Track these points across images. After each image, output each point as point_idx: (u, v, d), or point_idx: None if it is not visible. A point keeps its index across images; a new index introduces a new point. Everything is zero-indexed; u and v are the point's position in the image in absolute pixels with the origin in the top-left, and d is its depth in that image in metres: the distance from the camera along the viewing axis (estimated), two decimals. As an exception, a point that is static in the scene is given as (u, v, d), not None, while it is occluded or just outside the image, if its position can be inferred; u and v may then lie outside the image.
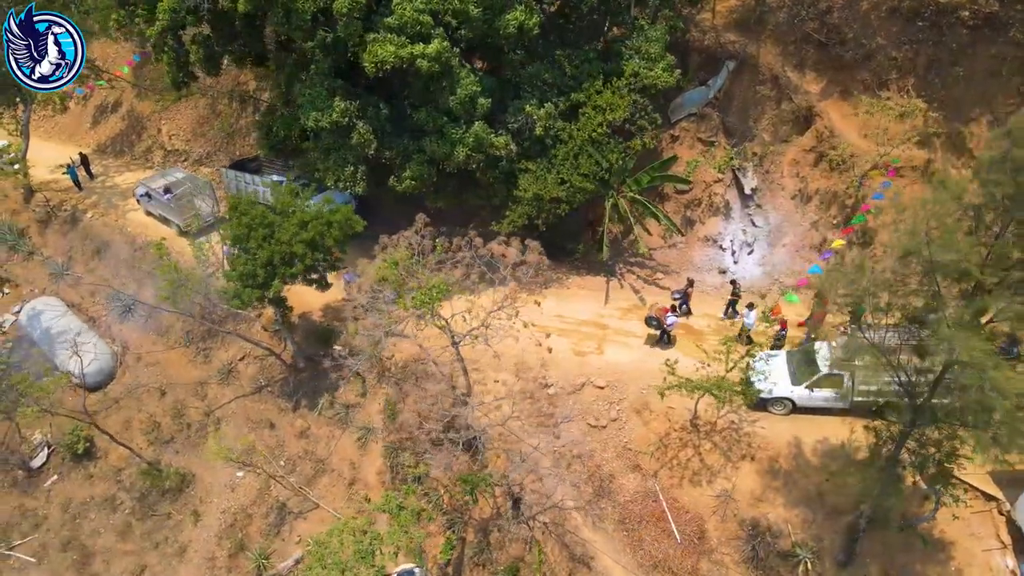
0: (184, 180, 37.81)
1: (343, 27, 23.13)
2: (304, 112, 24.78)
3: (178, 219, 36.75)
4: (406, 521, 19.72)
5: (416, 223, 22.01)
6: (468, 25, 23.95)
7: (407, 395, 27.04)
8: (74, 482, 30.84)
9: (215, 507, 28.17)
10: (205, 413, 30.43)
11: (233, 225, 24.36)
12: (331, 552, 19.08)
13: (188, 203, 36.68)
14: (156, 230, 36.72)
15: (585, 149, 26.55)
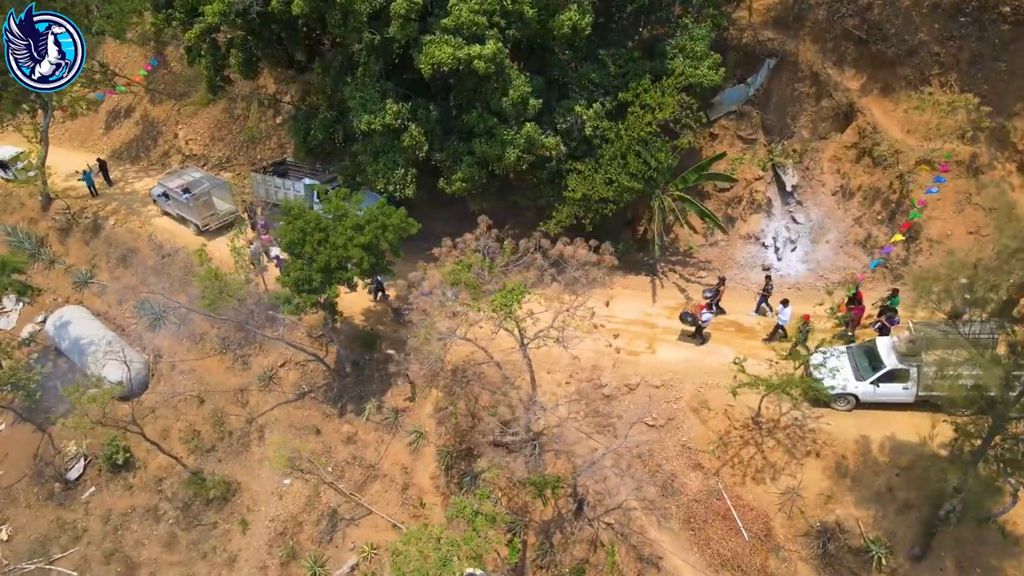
0: (202, 180, 37.73)
1: (398, 28, 22.95)
2: (356, 115, 24.56)
3: (196, 218, 36.63)
4: (482, 526, 19.55)
5: (479, 225, 21.84)
6: (521, 25, 23.83)
7: (459, 398, 26.91)
8: (113, 493, 30.41)
9: (263, 515, 27.86)
10: (247, 421, 30.08)
11: (287, 230, 24.08)
12: (410, 560, 18.87)
13: (206, 202, 36.56)
14: (185, 237, 36.31)
15: (633, 148, 26.52)
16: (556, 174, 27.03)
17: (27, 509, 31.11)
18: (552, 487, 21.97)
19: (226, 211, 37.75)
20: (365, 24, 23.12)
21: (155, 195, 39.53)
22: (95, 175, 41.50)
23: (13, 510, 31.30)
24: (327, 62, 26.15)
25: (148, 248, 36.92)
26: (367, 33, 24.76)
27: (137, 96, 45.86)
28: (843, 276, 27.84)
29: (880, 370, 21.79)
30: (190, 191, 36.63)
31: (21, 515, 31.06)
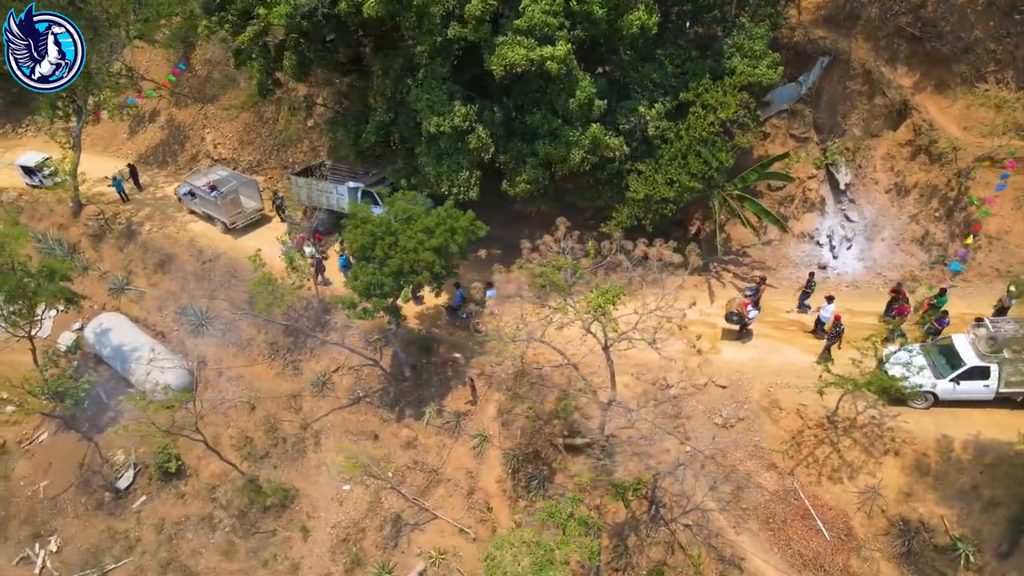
0: (229, 178, 37.74)
1: (471, 30, 22.80)
2: (424, 117, 24.36)
3: (224, 216, 36.58)
4: (575, 531, 19.42)
5: (558, 228, 21.72)
6: (589, 26, 23.72)
7: (524, 401, 26.76)
8: (165, 502, 30.08)
9: (324, 522, 27.63)
10: (301, 426, 29.85)
11: (357, 235, 23.84)
12: (504, 565, 18.72)
13: (233, 200, 36.50)
14: (226, 242, 36.00)
15: (693, 148, 26.45)
16: (616, 175, 26.93)
17: (76, 519, 30.72)
18: (634, 489, 21.86)
19: (253, 209, 37.76)
20: (438, 26, 22.93)
21: (181, 193, 39.42)
22: (125, 180, 41.09)
23: (61, 520, 30.89)
24: (387, 64, 25.92)
25: (187, 254, 36.56)
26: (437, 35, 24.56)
27: (160, 100, 45.41)
28: (901, 274, 27.87)
29: (960, 368, 21.81)
30: (218, 189, 36.50)
31: (70, 525, 30.66)
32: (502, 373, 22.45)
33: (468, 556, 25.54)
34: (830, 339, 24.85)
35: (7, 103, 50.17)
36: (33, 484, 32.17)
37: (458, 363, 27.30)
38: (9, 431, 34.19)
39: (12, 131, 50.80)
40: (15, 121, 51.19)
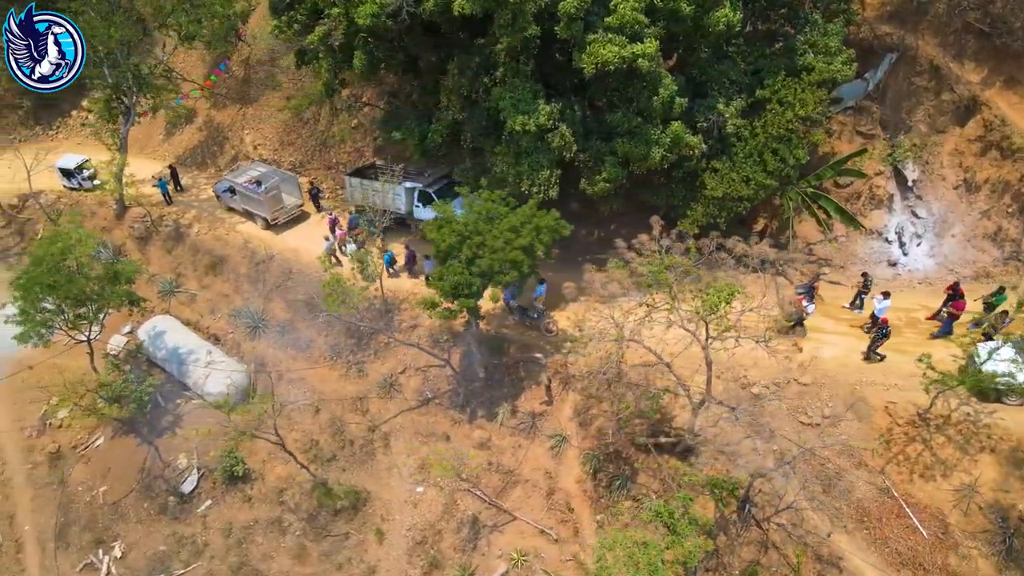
0: (270, 174, 37.76)
1: (564, 28, 22.63)
2: (508, 115, 24.16)
3: (265, 212, 36.58)
4: (687, 531, 19.28)
5: (653, 226, 21.58)
6: (674, 23, 23.58)
7: (600, 400, 26.64)
8: (231, 506, 29.77)
9: (399, 524, 27.42)
10: (369, 429, 29.62)
11: (444, 235, 23.64)
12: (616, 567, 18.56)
13: (275, 196, 36.49)
14: (280, 243, 35.74)
15: (770, 146, 26.34)
16: (691, 173, 26.80)
17: (138, 524, 30.37)
18: (731, 489, 21.73)
19: (293, 205, 37.76)
20: (531, 24, 22.76)
21: (219, 191, 39.37)
22: (168, 182, 40.82)
23: (123, 526, 30.54)
24: (463, 63, 25.73)
25: (239, 255, 36.29)
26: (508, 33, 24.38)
27: (196, 101, 45.11)
28: (974, 270, 27.82)
29: (1059, 364, 21.73)
30: (260, 185, 36.37)
31: (132, 531, 30.32)
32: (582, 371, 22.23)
33: (551, 557, 25.39)
34: (875, 340, 24.77)
35: (37, 105, 49.81)
36: (91, 489, 31.79)
37: (539, 363, 27.11)
38: (63, 436, 33.80)
39: (43, 133, 50.43)
40: (45, 124, 50.82)
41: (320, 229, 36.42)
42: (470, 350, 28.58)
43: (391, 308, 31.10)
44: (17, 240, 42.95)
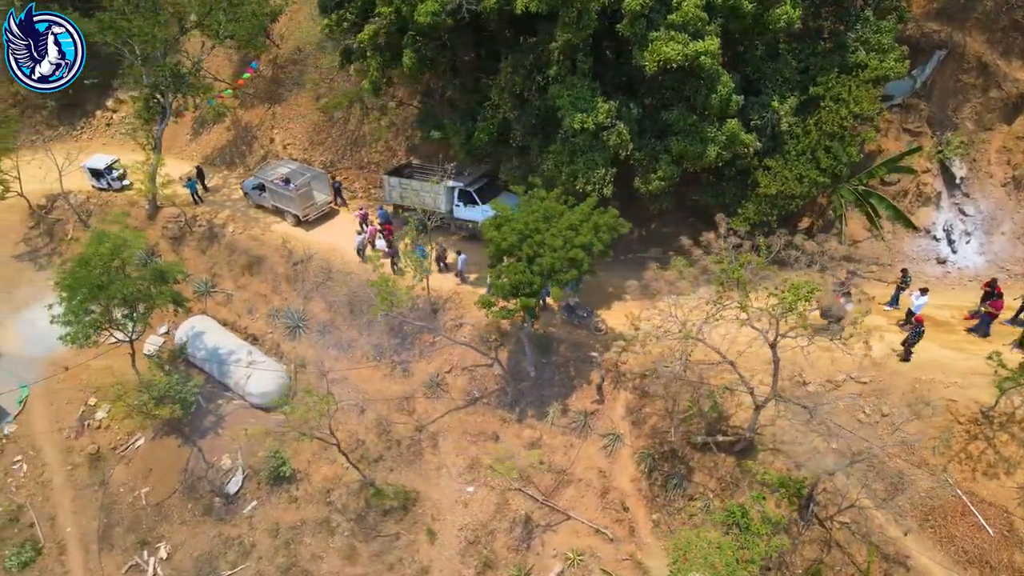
0: (301, 171, 37.98)
1: (627, 25, 22.54)
2: (567, 114, 24.06)
3: (296, 209, 36.67)
4: (763, 530, 19.18)
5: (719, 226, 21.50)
6: (734, 20, 23.50)
7: (654, 399, 26.54)
8: (277, 507, 29.67)
9: (450, 524, 27.30)
10: (416, 429, 29.50)
11: (505, 234, 23.53)
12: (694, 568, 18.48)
13: (305, 193, 36.59)
14: (318, 243, 35.59)
15: (823, 143, 26.26)
16: (743, 171, 26.71)
17: (183, 526, 30.29)
18: (799, 488, 21.65)
19: (323, 201, 37.93)
20: (595, 20, 22.68)
21: (247, 188, 39.50)
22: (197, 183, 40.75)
23: (167, 527, 30.46)
24: (517, 61, 25.63)
25: (277, 255, 36.15)
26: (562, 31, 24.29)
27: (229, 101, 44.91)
28: (1024, 268, 27.76)
29: (1124, 361, 21.66)
30: (291, 182, 36.14)
31: (177, 532, 30.23)
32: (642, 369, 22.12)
33: (607, 556, 25.29)
34: (910, 338, 24.64)
35: (61, 105, 49.65)
36: (133, 491, 31.71)
37: (594, 362, 26.97)
38: (102, 437, 33.71)
39: (67, 133, 50.25)
40: (69, 124, 50.64)
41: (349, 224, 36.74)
42: (521, 349, 28.46)
43: (436, 307, 30.96)
44: (47, 241, 42.81)
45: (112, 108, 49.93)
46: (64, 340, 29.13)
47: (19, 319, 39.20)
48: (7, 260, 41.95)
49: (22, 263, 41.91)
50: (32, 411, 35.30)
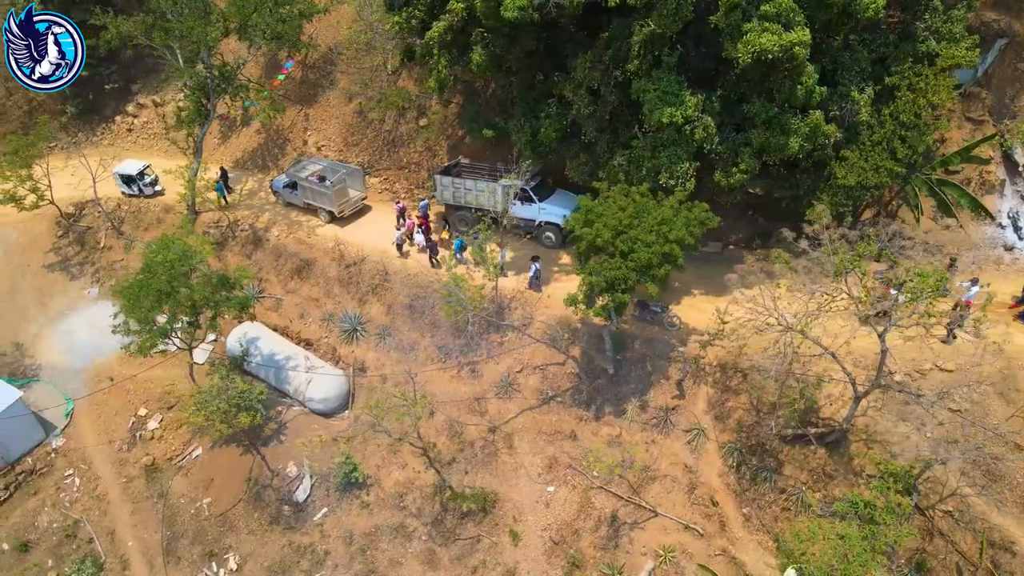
0: (335, 167, 38.12)
1: (722, 16, 22.42)
2: (653, 108, 23.89)
3: (332, 206, 36.67)
4: (889, 520, 19.12)
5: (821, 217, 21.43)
6: (820, 10, 23.44)
7: (737, 393, 26.46)
8: (348, 513, 29.20)
9: (533, 525, 27.03)
10: (489, 429, 29.19)
11: (598, 229, 23.29)
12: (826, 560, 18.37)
13: (341, 190, 36.54)
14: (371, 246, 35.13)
15: (898, 133, 26.30)
16: (818, 163, 26.69)
17: (250, 536, 29.70)
18: (906, 478, 21.62)
19: (357, 197, 37.94)
20: (691, 13, 22.53)
21: (277, 186, 39.42)
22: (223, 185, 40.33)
23: (234, 537, 29.84)
24: (595, 56, 25.41)
25: (327, 258, 35.62)
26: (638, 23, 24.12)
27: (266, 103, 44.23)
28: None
29: None
30: (326, 179, 36.07)
31: (245, 542, 29.64)
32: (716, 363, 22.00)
33: (698, 552, 25.15)
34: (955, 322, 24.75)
35: (82, 110, 48.69)
36: (195, 502, 31.04)
37: (678, 357, 26.82)
38: (156, 448, 33.02)
39: (86, 139, 49.20)
40: (88, 130, 49.65)
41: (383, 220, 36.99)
42: (593, 346, 28.26)
43: (503, 307, 30.67)
44: (77, 249, 41.84)
45: (132, 113, 48.99)
46: (127, 349, 28.47)
47: (56, 330, 38.39)
48: (38, 271, 41.02)
49: (53, 273, 40.98)
50: (79, 424, 34.51)
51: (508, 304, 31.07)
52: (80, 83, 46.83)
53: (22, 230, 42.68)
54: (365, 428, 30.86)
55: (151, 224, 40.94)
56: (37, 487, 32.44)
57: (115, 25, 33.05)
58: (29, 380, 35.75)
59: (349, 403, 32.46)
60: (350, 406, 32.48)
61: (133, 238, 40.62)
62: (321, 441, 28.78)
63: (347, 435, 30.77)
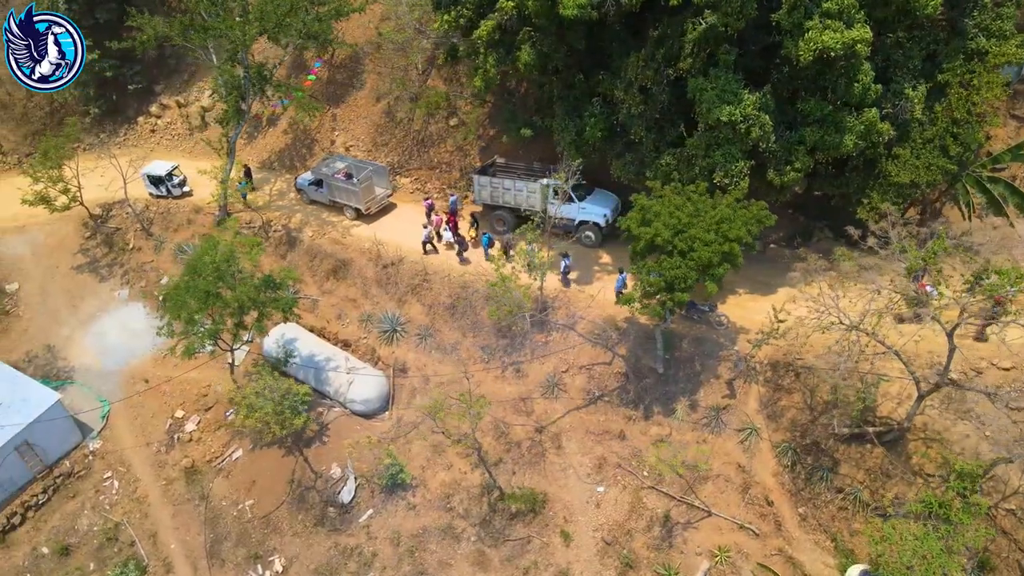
0: (361, 164, 38.40)
1: (785, 14, 22.34)
2: (711, 106, 23.80)
3: (359, 203, 36.90)
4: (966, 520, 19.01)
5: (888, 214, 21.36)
6: (880, 7, 23.36)
7: (790, 391, 26.38)
8: (394, 514, 29.02)
9: (584, 525, 26.92)
10: (535, 430, 29.08)
11: (657, 228, 23.18)
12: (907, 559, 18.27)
13: (368, 187, 36.69)
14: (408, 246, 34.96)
15: (950, 130, 26.23)
16: (869, 161, 26.62)
17: (295, 538, 29.51)
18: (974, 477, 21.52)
19: (383, 194, 38.14)
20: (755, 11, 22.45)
21: (302, 184, 39.59)
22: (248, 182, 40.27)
23: (278, 539, 29.65)
24: (648, 55, 25.31)
25: (364, 259, 35.48)
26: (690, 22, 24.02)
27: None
28: None
29: None
30: (353, 176, 36.39)
31: (290, 544, 29.45)
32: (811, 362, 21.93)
33: (754, 553, 25.05)
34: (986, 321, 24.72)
35: (105, 112, 48.45)
36: (236, 504, 30.87)
37: (733, 356, 26.73)
38: (195, 450, 32.85)
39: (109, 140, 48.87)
40: (110, 131, 49.38)
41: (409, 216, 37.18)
42: (640, 345, 28.17)
43: (547, 306, 30.56)
44: (106, 251, 41.57)
45: (156, 114, 48.78)
46: (172, 351, 28.33)
47: (88, 332, 38.19)
48: (67, 273, 40.80)
49: (82, 275, 40.74)
50: (115, 426, 34.35)
51: (552, 304, 30.94)
52: (103, 84, 46.99)
53: (49, 232, 42.48)
54: (409, 429, 30.92)
55: (181, 225, 40.76)
56: (75, 490, 32.23)
57: (152, 26, 32.85)
58: (63, 383, 35.54)
59: (389, 404, 32.31)
60: (390, 407, 32.33)
61: (163, 239, 40.45)
62: (368, 442, 28.57)
63: (390, 436, 30.62)
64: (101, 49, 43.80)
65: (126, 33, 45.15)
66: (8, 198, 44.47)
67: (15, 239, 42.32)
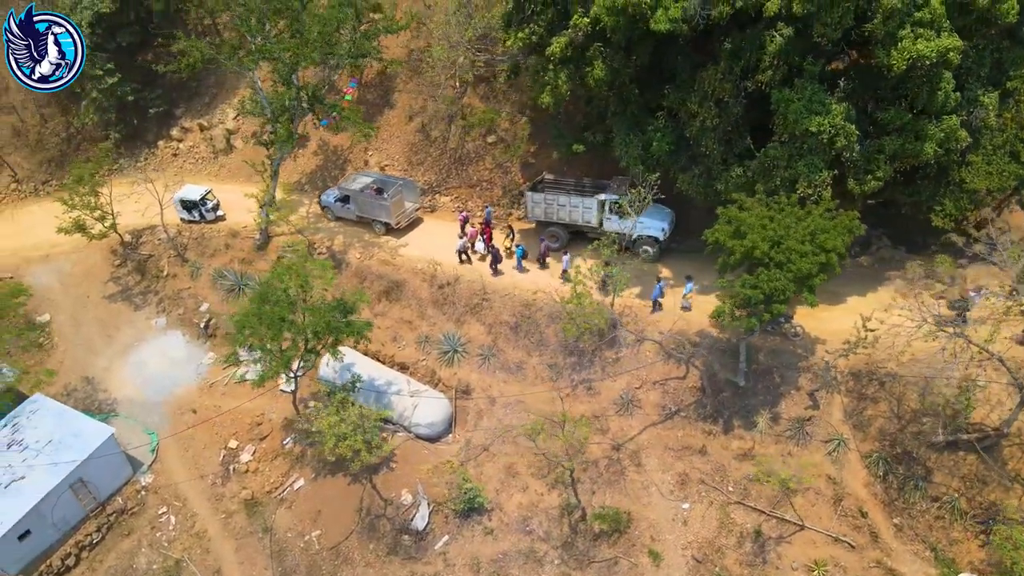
0: (383, 179, 38.63)
1: (881, 23, 22.42)
2: (799, 117, 23.80)
3: (389, 218, 36.93)
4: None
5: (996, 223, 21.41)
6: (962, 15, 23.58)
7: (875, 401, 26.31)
8: (471, 540, 28.43)
9: (672, 544, 26.56)
10: (612, 447, 28.70)
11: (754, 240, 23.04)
12: None
13: (397, 202, 36.68)
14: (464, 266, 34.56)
15: (1019, 136, 26.50)
16: (942, 168, 26.78)
17: (367, 568, 28.75)
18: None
19: (412, 209, 38.18)
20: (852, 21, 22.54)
21: (327, 201, 39.54)
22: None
23: (350, 570, 28.87)
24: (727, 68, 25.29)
25: (417, 280, 34.97)
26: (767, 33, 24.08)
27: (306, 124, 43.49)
28: None
29: None
30: (383, 191, 36.54)
31: (363, 574, 28.71)
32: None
33: (851, 565, 24.86)
34: None
35: (125, 137, 47.53)
36: (302, 535, 30.05)
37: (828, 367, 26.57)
38: (252, 481, 31.99)
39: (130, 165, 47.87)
40: (131, 156, 48.40)
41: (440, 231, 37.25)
42: (716, 358, 27.96)
43: (616, 322, 30.24)
44: (138, 279, 40.56)
45: (177, 137, 47.97)
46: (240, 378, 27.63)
47: (127, 363, 37.19)
48: (99, 302, 39.72)
49: (115, 303, 39.69)
50: (166, 459, 33.37)
51: (620, 320, 30.64)
52: (124, 108, 46.10)
53: (75, 260, 41.43)
54: (478, 452, 30.38)
55: (218, 250, 39.93)
56: (130, 527, 31.19)
57: (199, 49, 32.27)
58: (108, 415, 34.53)
59: (452, 426, 31.79)
60: (453, 429, 31.81)
61: (199, 265, 39.60)
62: (449, 467, 28.01)
63: (460, 459, 30.07)
64: (124, 72, 43.13)
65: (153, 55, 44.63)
66: (28, 227, 43.66)
67: (40, 269, 41.17)
